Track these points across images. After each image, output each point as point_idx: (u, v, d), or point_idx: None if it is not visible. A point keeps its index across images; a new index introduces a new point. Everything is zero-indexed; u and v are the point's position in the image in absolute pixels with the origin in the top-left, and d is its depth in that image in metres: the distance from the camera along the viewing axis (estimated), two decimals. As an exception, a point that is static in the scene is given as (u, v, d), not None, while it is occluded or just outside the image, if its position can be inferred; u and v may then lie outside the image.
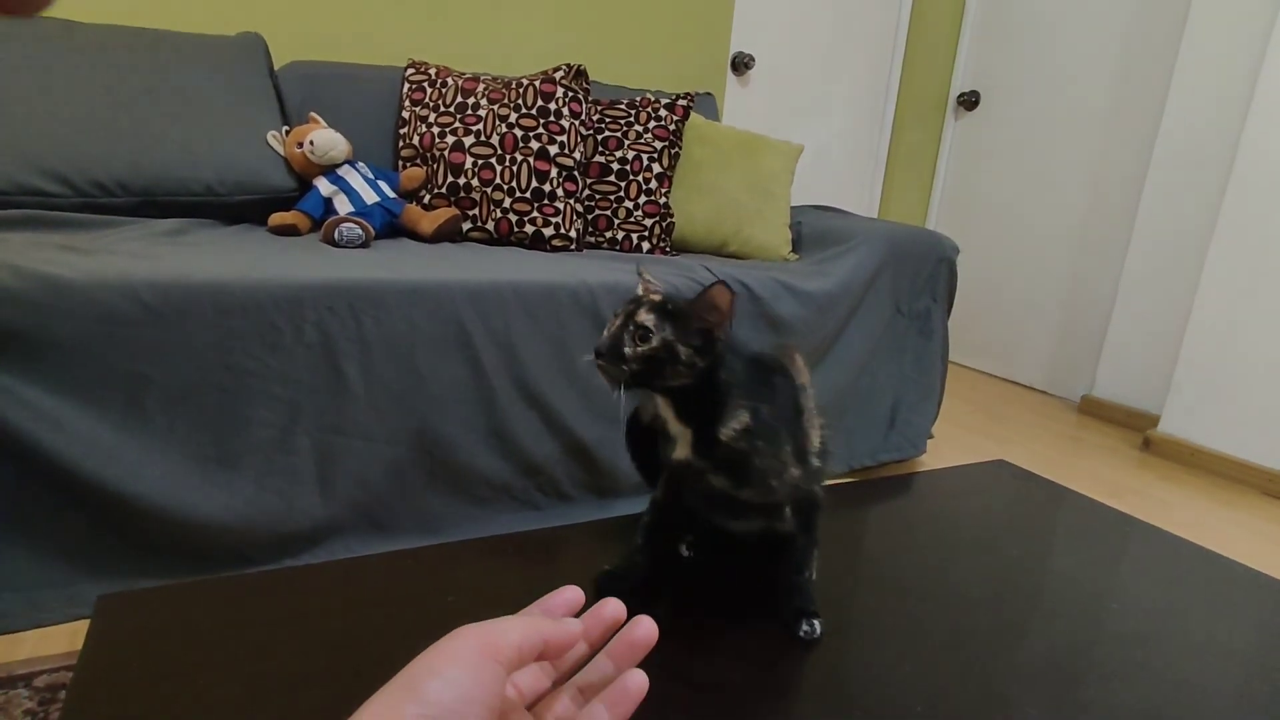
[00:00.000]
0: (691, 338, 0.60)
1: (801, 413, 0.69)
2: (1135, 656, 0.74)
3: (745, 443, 0.63)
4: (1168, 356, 2.41)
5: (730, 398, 0.62)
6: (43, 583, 1.09)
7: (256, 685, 0.60)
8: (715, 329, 0.61)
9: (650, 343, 0.60)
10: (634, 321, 0.60)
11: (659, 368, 0.60)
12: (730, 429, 0.62)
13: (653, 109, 1.95)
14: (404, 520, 1.30)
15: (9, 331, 1.01)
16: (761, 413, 0.63)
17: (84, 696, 0.58)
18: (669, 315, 0.60)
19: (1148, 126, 2.57)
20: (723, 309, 0.60)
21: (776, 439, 0.65)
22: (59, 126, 1.43)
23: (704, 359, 0.61)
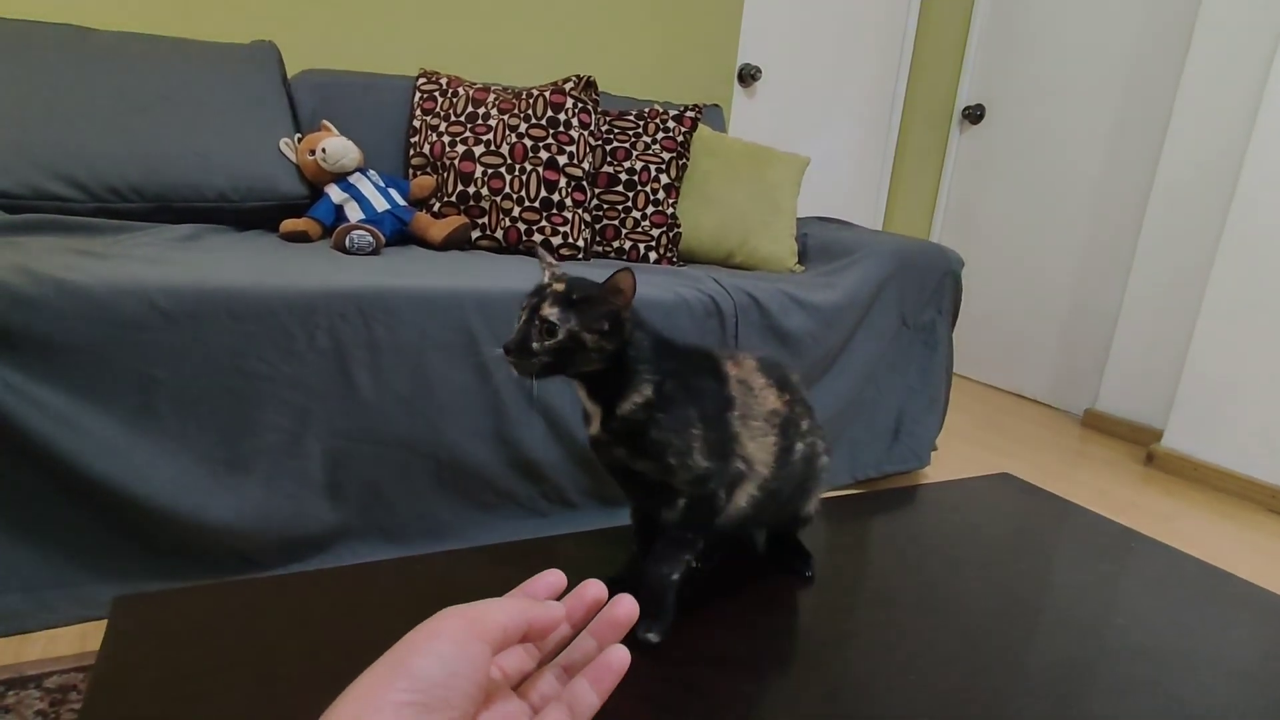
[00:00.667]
0: (597, 323, 0.62)
1: (729, 409, 0.68)
2: (1140, 672, 0.74)
3: (643, 414, 0.64)
4: (1172, 371, 2.42)
5: (636, 374, 0.64)
6: (53, 583, 1.10)
7: (271, 688, 0.61)
8: (621, 311, 0.63)
9: (557, 336, 0.61)
10: (539, 316, 0.61)
11: (569, 357, 0.62)
12: (631, 402, 0.64)
13: (661, 120, 1.96)
14: (411, 526, 1.31)
15: (24, 334, 1.02)
16: (666, 386, 0.64)
17: (102, 696, 0.59)
18: (573, 305, 0.61)
19: (1153, 142, 2.58)
20: (626, 291, 0.62)
21: (680, 417, 0.64)
22: (75, 132, 1.45)
23: (612, 343, 0.63)
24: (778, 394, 0.72)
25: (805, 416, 0.76)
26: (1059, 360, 2.94)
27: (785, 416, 0.72)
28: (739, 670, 0.67)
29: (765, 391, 0.72)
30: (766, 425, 0.70)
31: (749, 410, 0.69)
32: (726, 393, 0.69)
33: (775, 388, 0.73)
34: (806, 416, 0.76)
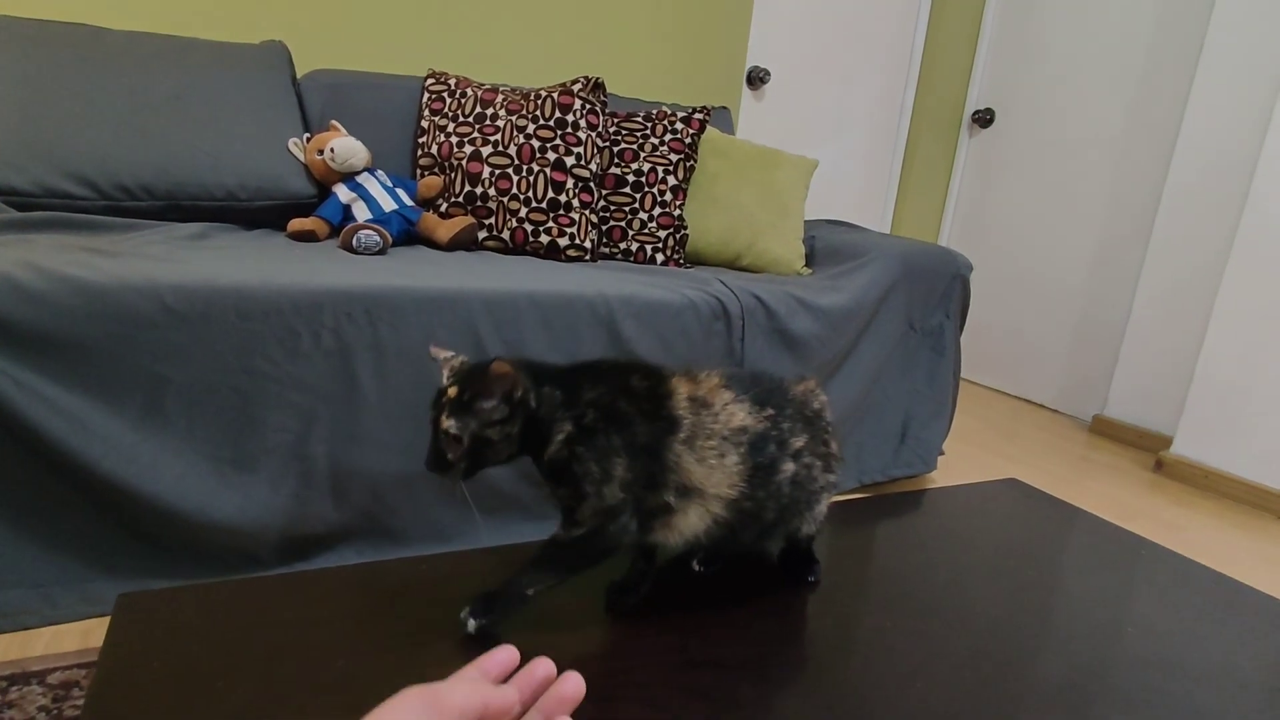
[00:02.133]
0: (495, 413, 0.63)
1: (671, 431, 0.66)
2: (1151, 681, 0.73)
3: (564, 451, 0.65)
4: (1182, 377, 2.40)
5: (552, 423, 0.65)
6: (57, 580, 1.10)
7: (274, 686, 0.61)
8: (514, 393, 0.64)
9: (463, 444, 0.63)
10: (440, 430, 0.63)
11: (484, 456, 0.64)
12: (555, 445, 0.65)
13: (669, 122, 1.96)
14: (414, 528, 1.31)
15: (34, 331, 1.03)
16: (587, 418, 0.65)
17: (104, 693, 0.59)
18: (468, 408, 0.63)
19: (1164, 145, 2.56)
20: (506, 377, 0.63)
21: (601, 445, 0.64)
22: (86, 131, 1.45)
23: (515, 425, 0.64)
24: (751, 411, 0.69)
25: (800, 434, 0.72)
26: (1067, 365, 2.92)
27: (759, 434, 0.68)
28: (743, 675, 0.67)
29: (731, 408, 0.68)
30: (727, 444, 0.67)
31: (700, 429, 0.66)
32: (667, 413, 0.66)
33: (750, 404, 0.69)
34: (802, 434, 0.72)
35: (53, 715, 0.92)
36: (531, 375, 0.65)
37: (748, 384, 0.72)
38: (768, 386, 0.73)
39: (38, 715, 0.92)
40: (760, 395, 0.71)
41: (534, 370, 0.66)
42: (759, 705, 0.62)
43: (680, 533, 0.69)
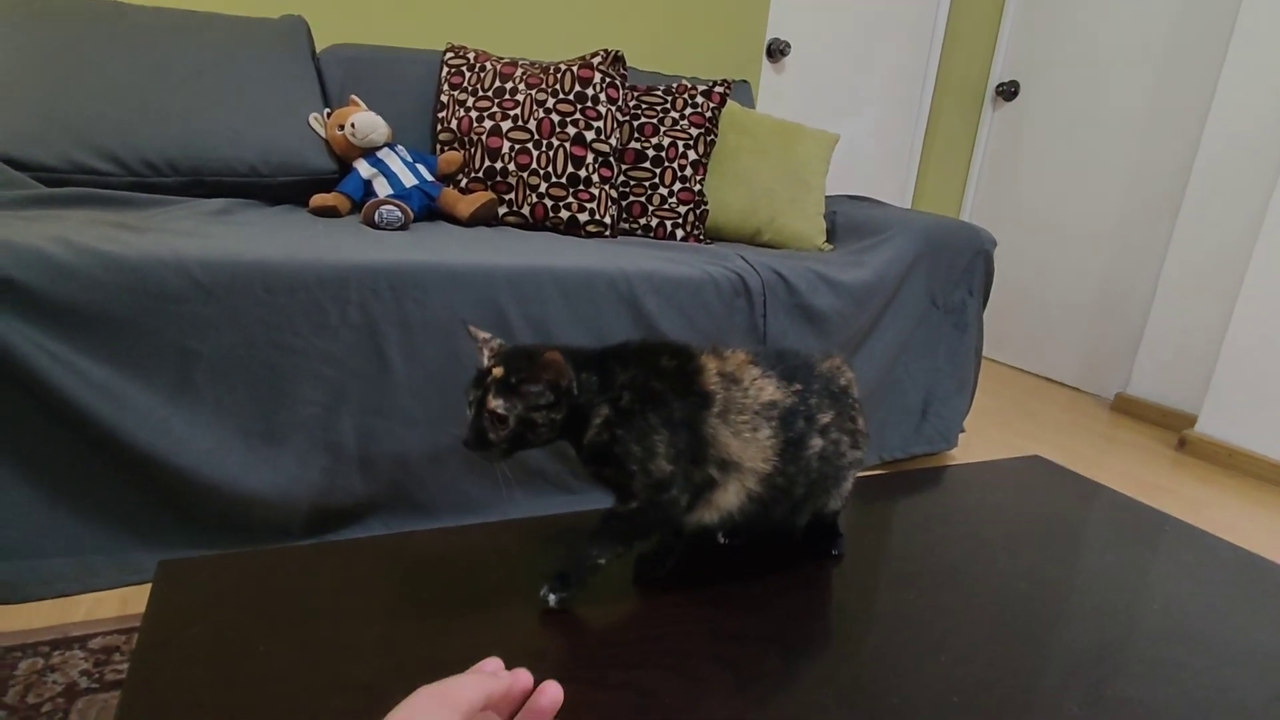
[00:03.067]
0: (542, 398, 0.65)
1: (705, 406, 0.67)
2: (1173, 655, 0.73)
3: (604, 434, 0.66)
4: (1208, 355, 2.37)
5: (591, 409, 0.66)
6: (95, 549, 1.13)
7: (312, 652, 0.62)
8: (561, 382, 0.65)
9: (508, 425, 0.64)
10: (486, 409, 0.64)
11: (524, 438, 0.65)
12: (593, 430, 0.67)
13: (689, 95, 1.94)
14: (441, 501, 1.33)
15: (67, 305, 1.04)
16: (623, 400, 0.66)
17: (149, 655, 0.60)
18: (515, 390, 0.64)
19: (1194, 120, 2.51)
20: (556, 367, 0.64)
21: (640, 425, 0.66)
22: (110, 106, 1.46)
23: (560, 411, 0.65)
24: (780, 385, 0.70)
25: (827, 410, 0.73)
26: (1090, 343, 2.89)
27: (789, 407, 0.70)
28: (769, 646, 0.67)
29: (760, 383, 0.69)
30: (759, 419, 0.68)
31: (733, 404, 0.68)
32: (700, 389, 0.68)
33: (778, 379, 0.70)
34: (829, 410, 0.73)
35: (94, 678, 0.95)
36: (571, 362, 0.66)
37: (774, 360, 0.73)
38: (794, 363, 0.74)
39: (80, 679, 0.95)
40: (787, 371, 0.72)
41: (571, 356, 0.67)
42: (784, 675, 0.63)
43: (719, 509, 0.70)
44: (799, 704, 0.61)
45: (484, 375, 0.66)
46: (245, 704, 0.56)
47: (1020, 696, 0.65)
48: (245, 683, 0.58)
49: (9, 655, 0.97)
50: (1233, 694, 0.68)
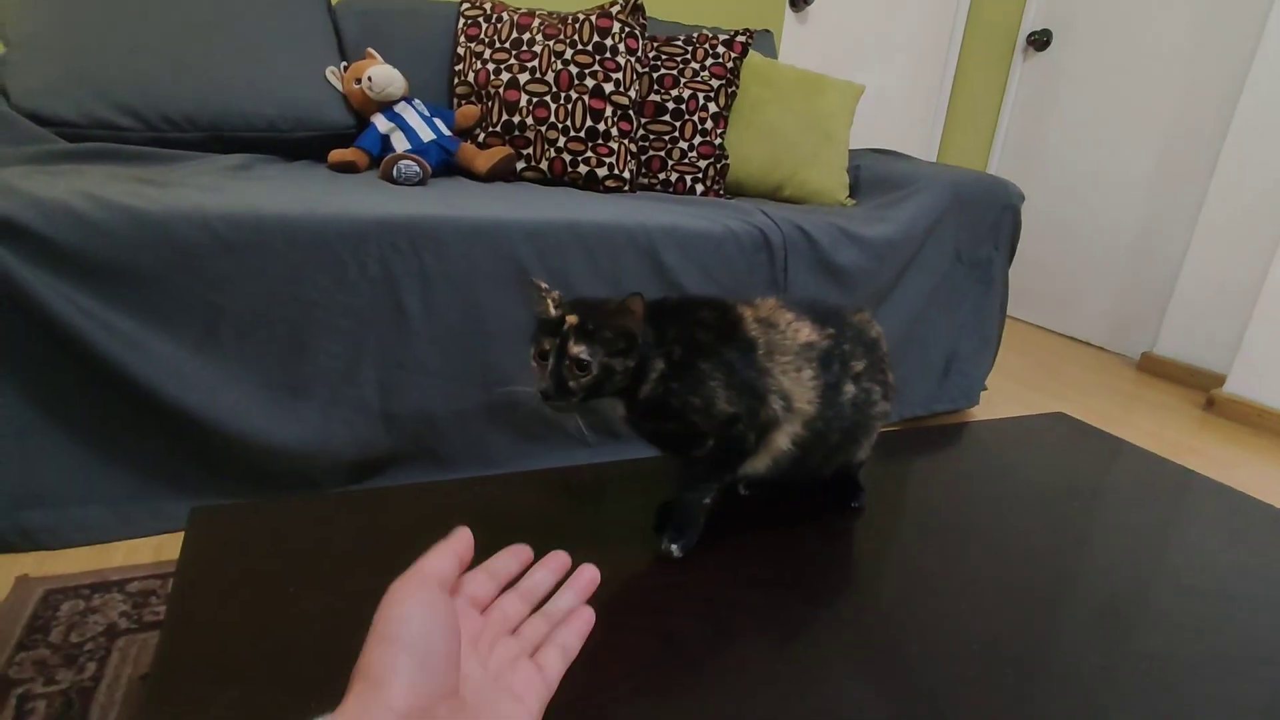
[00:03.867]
0: (619, 346, 0.64)
1: (751, 349, 0.68)
2: (1199, 610, 0.73)
3: (661, 388, 0.66)
4: (1239, 314, 2.31)
5: (647, 364, 0.66)
6: (130, 498, 1.16)
7: (339, 594, 0.64)
8: (633, 329, 0.64)
9: (591, 371, 0.63)
10: (569, 356, 0.63)
11: (601, 386, 0.65)
12: (649, 384, 0.66)
13: (710, 46, 1.89)
14: (463, 454, 1.34)
15: (94, 259, 1.05)
16: (674, 353, 0.66)
17: (185, 597, 0.62)
18: (593, 337, 0.63)
19: (1235, 70, 2.41)
20: (637, 313, 0.63)
21: (694, 375, 0.66)
22: (129, 61, 1.45)
23: (633, 360, 0.65)
24: (814, 328, 0.72)
25: (860, 358, 0.74)
26: (1117, 302, 2.83)
27: (825, 349, 0.71)
28: (789, 594, 0.68)
29: (796, 325, 0.71)
30: (800, 359, 0.70)
31: (775, 346, 0.69)
32: (743, 335, 0.69)
33: (811, 322, 0.72)
34: (863, 358, 0.74)
35: (133, 619, 0.98)
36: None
37: (804, 306, 0.74)
38: (824, 309, 0.75)
39: (119, 620, 0.98)
40: (819, 316, 0.73)
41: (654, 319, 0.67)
42: (805, 623, 0.64)
43: (770, 453, 0.71)
44: (819, 650, 0.61)
45: (556, 323, 0.64)
46: (276, 642, 0.58)
47: (1040, 647, 0.65)
48: (276, 622, 0.60)
49: (51, 597, 1.01)
50: (1258, 647, 0.68)
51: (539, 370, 0.65)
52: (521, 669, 0.41)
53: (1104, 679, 0.62)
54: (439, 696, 0.35)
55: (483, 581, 0.45)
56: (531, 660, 0.41)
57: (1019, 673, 0.61)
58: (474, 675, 0.39)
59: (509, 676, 0.40)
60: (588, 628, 0.45)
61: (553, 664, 0.42)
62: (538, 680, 0.40)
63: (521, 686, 0.40)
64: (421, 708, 0.33)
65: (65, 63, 1.42)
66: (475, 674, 0.39)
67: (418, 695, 0.33)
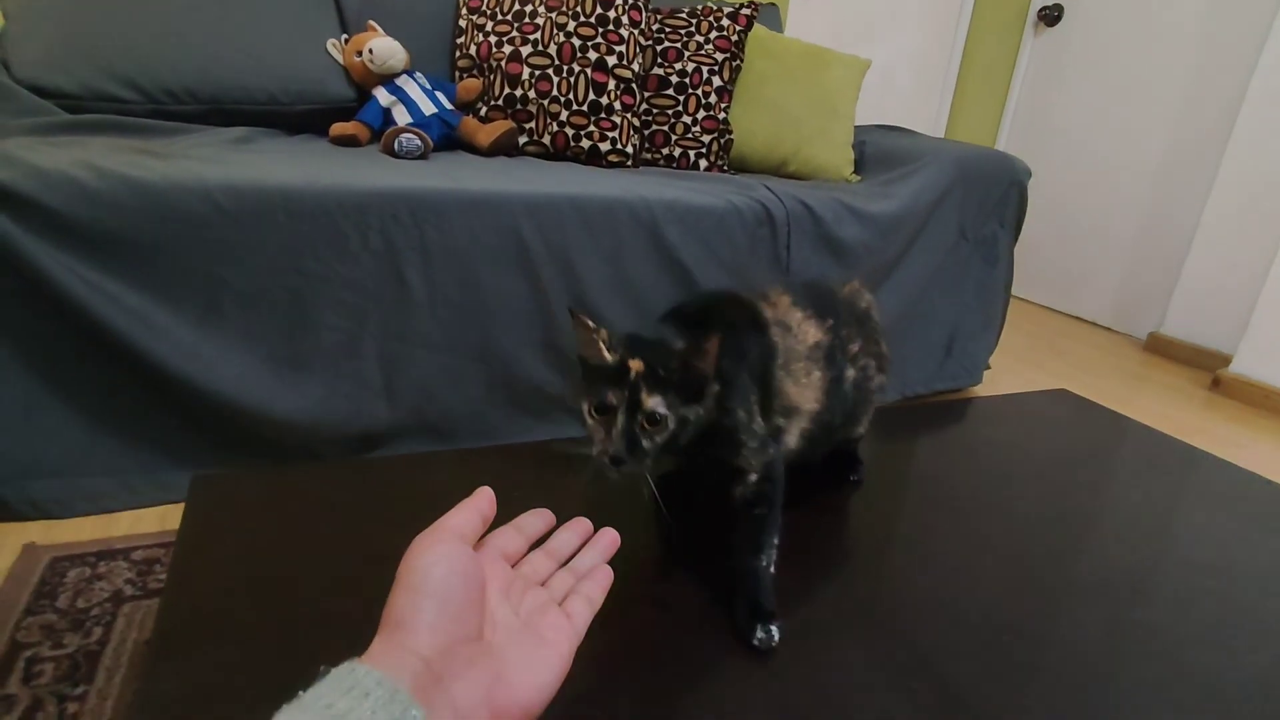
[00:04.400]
0: (691, 390, 0.56)
1: (772, 359, 0.64)
2: (1198, 583, 0.73)
3: (717, 409, 0.60)
4: (1248, 292, 2.29)
5: (704, 385, 0.58)
6: (135, 468, 1.17)
7: (338, 560, 0.65)
8: (708, 374, 0.57)
9: (668, 427, 0.55)
10: (642, 410, 0.55)
11: (675, 441, 0.57)
12: (706, 412, 0.59)
13: (714, 19, 1.87)
14: (462, 427, 1.35)
15: (96, 230, 1.05)
16: (723, 365, 0.59)
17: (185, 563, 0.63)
18: (664, 384, 0.55)
19: (1247, 49, 2.36)
20: (712, 354, 0.56)
21: (740, 389, 0.61)
22: (129, 33, 1.44)
23: (705, 406, 0.58)
24: (818, 324, 0.70)
25: (855, 338, 0.73)
26: (1124, 281, 2.81)
27: (829, 346, 0.70)
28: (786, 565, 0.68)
29: (804, 326, 0.69)
30: (810, 363, 0.68)
31: (791, 354, 0.67)
32: (769, 341, 0.65)
33: (815, 318, 0.70)
34: (857, 337, 0.74)
35: (138, 586, 1.00)
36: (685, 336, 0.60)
37: (807, 296, 0.72)
38: (823, 296, 0.74)
39: (124, 587, 0.99)
40: (820, 306, 0.71)
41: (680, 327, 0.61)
42: (800, 593, 0.64)
43: (785, 451, 0.69)
44: (814, 620, 0.62)
45: (618, 372, 0.55)
46: (275, 606, 0.59)
47: (1038, 618, 0.66)
48: (274, 586, 0.61)
49: (58, 565, 1.02)
50: (1256, 616, 0.68)
51: (600, 428, 0.56)
52: (551, 615, 0.43)
53: (1102, 649, 0.62)
54: (460, 640, 0.37)
55: (512, 537, 0.47)
56: (560, 608, 0.43)
57: (1017, 642, 0.61)
58: (507, 620, 0.41)
59: (539, 622, 0.42)
60: (609, 582, 0.47)
61: (580, 613, 0.44)
62: (567, 626, 0.42)
63: (552, 631, 0.41)
64: (443, 648, 0.35)
65: (66, 35, 1.41)
66: (508, 619, 0.41)
67: (439, 638, 0.36)
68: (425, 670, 0.34)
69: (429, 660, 0.34)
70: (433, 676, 0.34)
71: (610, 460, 0.55)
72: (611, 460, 0.55)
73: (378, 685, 0.31)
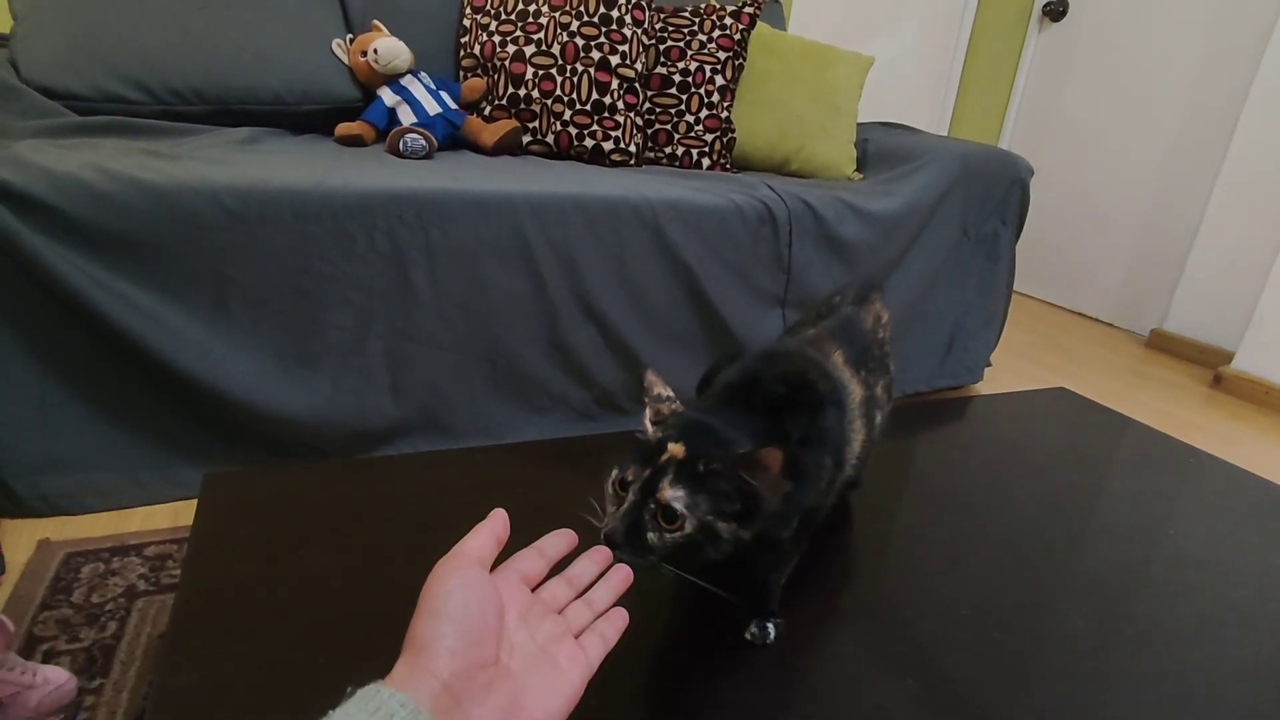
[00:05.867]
0: (734, 504, 0.47)
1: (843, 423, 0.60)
2: (1189, 578, 0.75)
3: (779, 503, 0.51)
4: (1250, 289, 2.29)
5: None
6: (145, 465, 1.19)
7: (348, 556, 0.66)
8: (761, 495, 0.48)
9: (684, 529, 0.47)
10: (655, 499, 0.47)
11: (694, 550, 0.48)
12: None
13: (717, 17, 1.87)
14: (468, 425, 1.36)
15: (106, 231, 1.07)
16: (798, 464, 0.51)
17: (199, 557, 0.65)
18: (700, 482, 0.47)
19: (1251, 45, 2.36)
20: (773, 471, 0.47)
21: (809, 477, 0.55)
22: (136, 34, 1.46)
23: (749, 528, 0.48)
24: (857, 376, 0.65)
25: (880, 378, 0.70)
26: (1127, 278, 2.81)
27: (867, 399, 0.66)
28: (785, 558, 0.69)
29: (852, 384, 0.64)
30: (860, 420, 0.64)
31: (853, 414, 0.63)
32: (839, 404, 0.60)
33: (854, 369, 0.65)
34: (882, 377, 0.70)
35: (151, 581, 1.02)
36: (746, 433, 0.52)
37: (845, 340, 0.67)
38: (855, 338, 0.69)
39: (138, 582, 1.02)
40: (857, 357, 0.67)
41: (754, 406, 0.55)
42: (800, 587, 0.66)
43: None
44: (814, 613, 0.63)
45: (654, 450, 0.49)
46: (286, 600, 0.60)
47: (1029, 611, 0.67)
48: (286, 582, 0.62)
49: (73, 560, 1.04)
50: (1242, 610, 0.70)
51: (611, 500, 0.50)
52: (567, 645, 0.43)
53: (1091, 641, 0.63)
54: (479, 664, 0.38)
55: (534, 559, 0.47)
56: (576, 640, 0.44)
57: (1009, 635, 0.63)
58: (524, 644, 0.42)
59: (555, 650, 0.42)
60: (624, 625, 0.47)
61: (594, 648, 0.44)
62: (581, 658, 0.43)
63: (567, 661, 0.42)
64: (463, 672, 0.37)
65: (74, 37, 1.43)
66: (525, 644, 0.42)
67: (458, 662, 0.37)
68: (445, 693, 0.35)
69: (448, 684, 0.36)
70: (452, 699, 0.35)
71: (604, 539, 0.48)
72: (604, 540, 0.48)
73: (401, 707, 0.33)
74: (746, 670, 0.56)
